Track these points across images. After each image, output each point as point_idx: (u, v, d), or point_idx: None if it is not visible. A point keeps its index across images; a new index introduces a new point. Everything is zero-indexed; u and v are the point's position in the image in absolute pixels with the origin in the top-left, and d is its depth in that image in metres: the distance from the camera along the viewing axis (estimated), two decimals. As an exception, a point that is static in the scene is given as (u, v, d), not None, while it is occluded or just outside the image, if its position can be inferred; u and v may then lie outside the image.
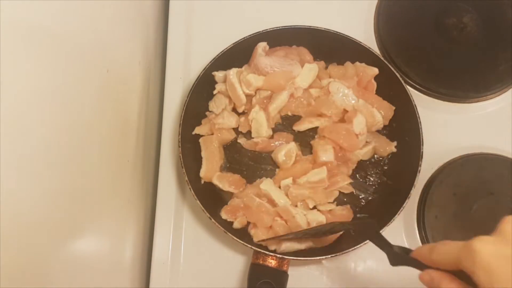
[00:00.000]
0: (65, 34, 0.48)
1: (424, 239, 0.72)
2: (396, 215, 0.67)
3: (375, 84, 0.76)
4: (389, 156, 0.75)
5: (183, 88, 0.82)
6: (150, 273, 0.73)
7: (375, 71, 0.75)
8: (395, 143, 0.74)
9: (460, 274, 0.41)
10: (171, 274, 0.73)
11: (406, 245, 0.73)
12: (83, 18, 0.53)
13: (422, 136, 0.71)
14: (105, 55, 0.60)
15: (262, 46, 0.76)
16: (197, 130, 0.74)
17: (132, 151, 0.71)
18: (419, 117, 0.72)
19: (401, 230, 0.74)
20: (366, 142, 0.74)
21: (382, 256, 0.70)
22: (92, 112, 0.56)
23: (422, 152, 0.70)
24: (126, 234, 0.69)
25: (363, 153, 0.74)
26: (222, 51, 0.76)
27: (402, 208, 0.67)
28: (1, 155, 0.35)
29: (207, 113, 0.77)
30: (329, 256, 0.66)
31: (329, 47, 0.78)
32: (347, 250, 0.66)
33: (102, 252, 0.60)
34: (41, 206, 0.43)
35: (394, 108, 0.75)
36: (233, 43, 0.76)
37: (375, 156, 0.76)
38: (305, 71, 0.75)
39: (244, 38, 0.76)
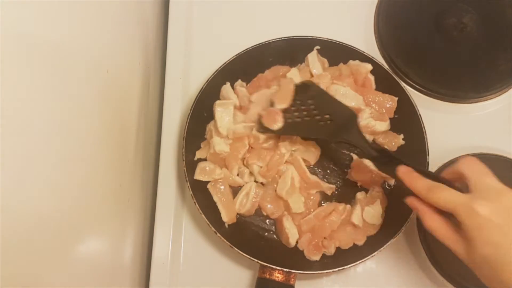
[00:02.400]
0: (65, 35, 0.48)
1: (424, 240, 0.72)
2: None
3: (371, 79, 0.76)
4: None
5: (183, 88, 0.82)
6: (149, 273, 0.73)
7: (368, 67, 0.75)
8: (402, 136, 0.75)
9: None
10: (170, 274, 0.73)
11: (405, 245, 0.74)
12: (83, 19, 0.53)
13: (427, 141, 0.71)
14: (105, 55, 0.60)
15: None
16: (198, 155, 0.73)
17: (132, 151, 0.71)
18: (422, 122, 0.72)
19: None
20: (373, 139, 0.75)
21: (382, 256, 0.70)
22: (92, 112, 0.56)
23: (428, 162, 0.70)
24: (126, 234, 0.70)
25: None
26: (224, 63, 0.75)
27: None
28: (1, 156, 0.36)
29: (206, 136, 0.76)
30: (337, 269, 0.66)
31: (331, 56, 0.78)
32: (354, 263, 0.66)
33: (101, 252, 0.60)
34: (41, 206, 0.43)
35: (397, 98, 0.74)
36: (236, 55, 0.76)
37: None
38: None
39: (246, 49, 0.76)
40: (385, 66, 0.78)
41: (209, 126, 0.75)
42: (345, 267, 0.66)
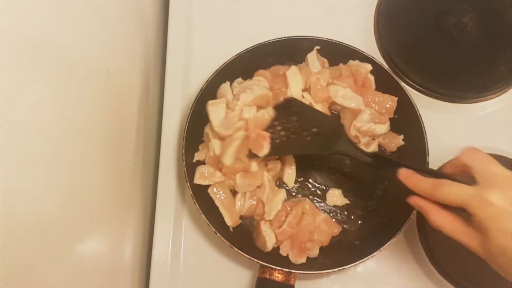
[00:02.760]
0: (65, 35, 0.48)
1: (424, 240, 0.71)
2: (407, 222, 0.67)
3: (371, 79, 0.76)
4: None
5: (183, 88, 0.82)
6: (149, 273, 0.73)
7: (368, 68, 0.75)
8: (402, 136, 0.75)
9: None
10: (171, 274, 0.73)
11: (405, 245, 0.74)
12: (83, 19, 0.53)
13: (427, 141, 0.71)
14: (105, 55, 0.60)
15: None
16: (197, 157, 0.73)
17: (132, 151, 0.71)
18: (422, 122, 0.72)
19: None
20: (372, 139, 0.75)
21: (382, 256, 0.70)
22: (92, 112, 0.56)
23: (428, 162, 0.70)
24: (126, 234, 0.70)
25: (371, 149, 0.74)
26: (224, 63, 0.75)
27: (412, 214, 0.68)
28: (1, 156, 0.36)
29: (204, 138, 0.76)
30: (337, 269, 0.66)
31: (331, 56, 0.78)
32: (354, 263, 0.66)
33: (101, 252, 0.60)
34: (41, 206, 0.43)
35: (397, 98, 0.74)
36: (236, 55, 0.76)
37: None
38: (290, 78, 0.75)
39: (246, 49, 0.76)
40: (385, 66, 0.78)
41: (206, 129, 0.74)
42: (345, 267, 0.66)
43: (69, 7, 0.49)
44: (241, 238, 0.70)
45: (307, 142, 0.67)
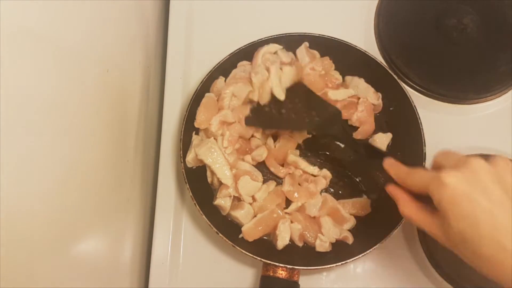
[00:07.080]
0: (66, 34, 0.48)
1: (423, 241, 0.72)
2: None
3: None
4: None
5: (183, 88, 0.82)
6: (149, 273, 0.73)
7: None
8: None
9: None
10: (170, 274, 0.73)
11: (405, 246, 0.74)
12: (84, 19, 0.53)
13: (424, 143, 0.71)
14: (105, 55, 0.60)
15: None
16: (189, 157, 0.71)
17: (132, 151, 0.71)
18: (421, 123, 0.72)
19: (400, 231, 0.74)
20: None
21: (382, 256, 0.71)
22: (92, 111, 0.56)
23: (425, 153, 0.70)
24: (125, 234, 0.70)
25: None
26: (218, 63, 0.75)
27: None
28: (1, 156, 0.36)
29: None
30: (340, 263, 0.66)
31: (332, 55, 0.78)
32: (356, 257, 0.66)
33: (101, 252, 0.60)
34: (40, 206, 0.43)
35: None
36: (230, 54, 0.75)
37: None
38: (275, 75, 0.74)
39: (245, 45, 0.76)
40: (385, 66, 0.78)
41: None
42: (347, 261, 0.65)
43: (69, 7, 0.49)
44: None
45: (305, 122, 0.71)
